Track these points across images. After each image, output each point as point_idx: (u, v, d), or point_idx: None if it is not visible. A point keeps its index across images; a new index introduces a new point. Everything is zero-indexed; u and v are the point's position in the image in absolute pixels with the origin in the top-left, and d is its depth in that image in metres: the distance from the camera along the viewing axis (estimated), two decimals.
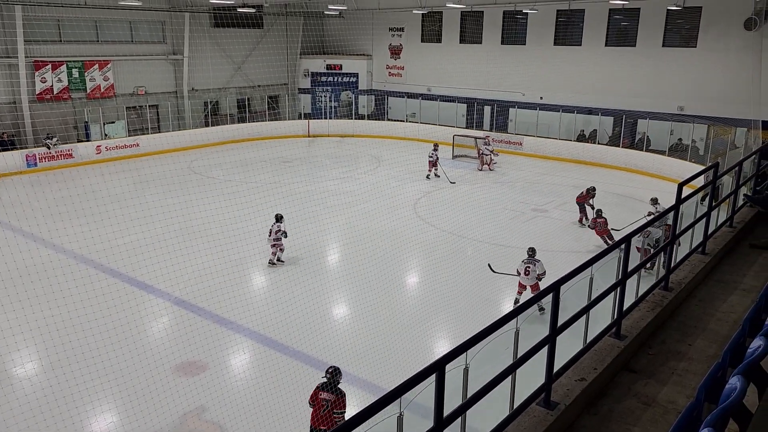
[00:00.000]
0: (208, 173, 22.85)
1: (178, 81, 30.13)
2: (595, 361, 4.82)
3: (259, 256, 14.45)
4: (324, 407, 7.25)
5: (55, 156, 23.76)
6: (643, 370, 4.94)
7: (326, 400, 7.27)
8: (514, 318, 4.34)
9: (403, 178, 22.50)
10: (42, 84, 25.04)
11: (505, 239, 16.07)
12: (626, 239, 5.07)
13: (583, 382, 4.53)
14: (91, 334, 9.96)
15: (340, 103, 34.77)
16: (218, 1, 22.80)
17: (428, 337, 11.00)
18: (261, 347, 10.36)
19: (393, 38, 34.08)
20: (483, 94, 30.34)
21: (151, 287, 12.56)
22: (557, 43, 28.09)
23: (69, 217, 16.04)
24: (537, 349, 4.34)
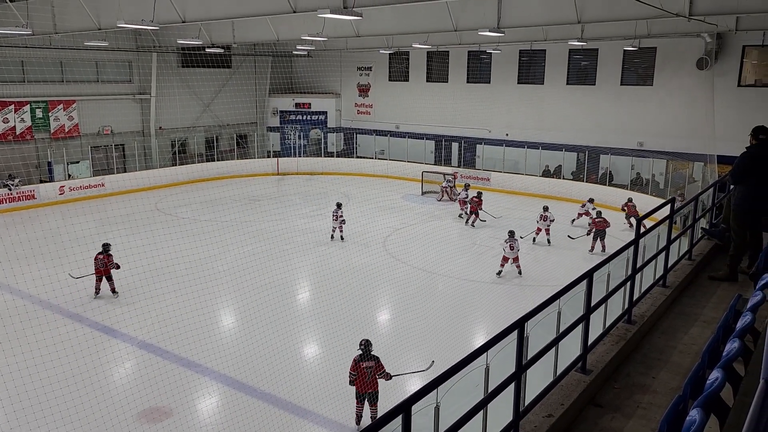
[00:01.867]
0: (176, 212, 22.59)
1: (144, 120, 29.98)
2: (562, 396, 4.84)
3: (228, 296, 14.24)
4: (368, 374, 8.82)
5: (17, 197, 23.24)
6: (609, 405, 4.98)
7: (368, 367, 8.87)
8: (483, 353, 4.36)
9: (372, 215, 22.56)
10: (4, 124, 24.65)
11: (475, 274, 16.17)
12: (589, 274, 5.16)
13: (551, 419, 4.54)
14: (52, 381, 9.62)
15: (309, 140, 34.94)
16: (186, 42, 22.91)
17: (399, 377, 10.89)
18: (229, 390, 10.13)
19: (361, 77, 34.62)
20: (450, 131, 30.88)
21: (115, 331, 12.25)
22: (521, 81, 28.91)
23: (29, 259, 15.62)
24: (504, 386, 4.35)
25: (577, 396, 4.83)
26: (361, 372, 8.85)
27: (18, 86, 25.05)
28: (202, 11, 16.66)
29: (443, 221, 22.44)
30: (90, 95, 27.48)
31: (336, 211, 19.40)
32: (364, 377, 8.82)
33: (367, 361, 8.91)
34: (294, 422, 9.22)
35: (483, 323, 13.52)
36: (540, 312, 4.86)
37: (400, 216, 22.98)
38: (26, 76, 25.41)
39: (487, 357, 4.49)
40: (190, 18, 16.61)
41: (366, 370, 8.85)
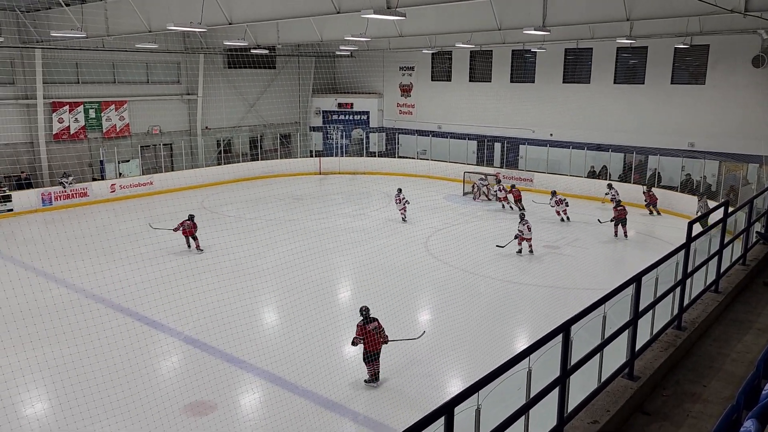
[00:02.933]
0: (221, 210, 23.04)
1: (191, 120, 30.68)
2: (608, 402, 4.73)
3: (271, 293, 14.44)
4: (375, 334, 10.06)
5: (70, 194, 24.11)
6: (657, 413, 4.85)
7: (374, 327, 10.13)
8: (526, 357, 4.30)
9: (414, 215, 22.54)
10: (59, 124, 25.59)
11: (516, 276, 15.98)
12: (637, 278, 5.04)
13: (596, 425, 4.45)
14: (102, 373, 9.96)
15: (351, 140, 35.15)
16: (232, 44, 23.35)
17: (439, 377, 10.86)
18: (271, 386, 10.27)
19: (403, 77, 34.62)
20: (493, 131, 30.60)
21: (162, 325, 12.57)
22: (566, 80, 28.41)
23: (82, 255, 16.18)
24: (547, 391, 4.28)
25: (624, 403, 4.72)
26: (369, 333, 10.00)
27: (73, 87, 25.98)
28: (248, 13, 16.94)
29: (485, 222, 22.24)
30: (140, 96, 28.30)
31: (397, 195, 21.74)
32: (373, 337, 10.02)
33: (371, 323, 10.16)
34: (334, 420, 9.30)
35: (525, 326, 13.35)
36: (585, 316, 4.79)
37: (442, 216, 22.88)
38: (80, 77, 26.33)
39: (530, 360, 4.43)
40: (237, 20, 16.91)
41: (373, 331, 10.06)
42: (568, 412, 4.43)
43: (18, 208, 22.54)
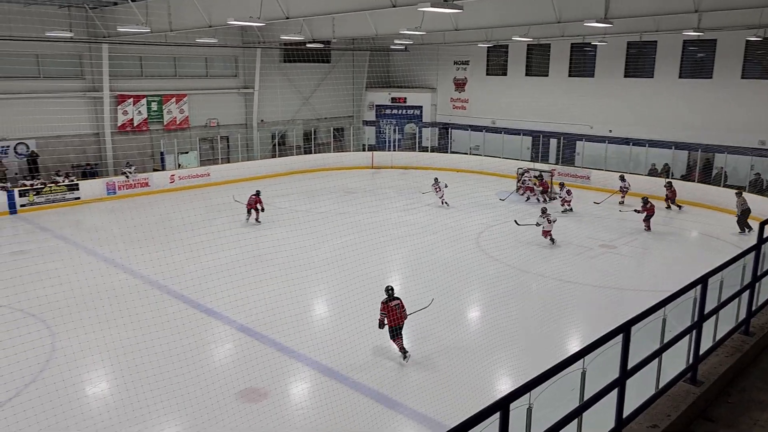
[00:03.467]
0: (275, 203, 23.42)
1: (248, 113, 31.29)
2: (669, 407, 4.56)
3: (322, 285, 14.60)
4: (397, 311, 10.88)
5: (133, 184, 24.99)
6: (721, 420, 4.64)
7: (396, 305, 10.96)
8: (581, 358, 4.19)
9: (466, 211, 22.34)
10: (123, 116, 26.55)
11: (570, 275, 15.62)
12: (703, 280, 4.83)
13: (656, 429, 4.29)
14: (159, 357, 10.28)
15: (404, 135, 35.11)
16: (288, 38, 23.67)
17: (489, 374, 10.74)
18: (322, 377, 10.39)
19: (458, 71, 34.32)
20: (549, 127, 29.98)
21: (217, 313, 12.89)
22: (628, 74, 27.55)
23: (142, 242, 16.78)
24: (605, 392, 4.16)
25: (686, 408, 4.53)
26: (391, 310, 10.91)
27: (136, 81, 26.92)
28: (304, 7, 17.12)
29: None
30: (199, 89, 29.06)
31: (434, 184, 22.76)
32: (395, 313, 10.91)
33: (393, 301, 11.02)
34: (383, 413, 9.32)
35: (578, 326, 13.05)
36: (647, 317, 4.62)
37: (494, 213, 22.59)
38: (143, 71, 27.23)
39: (584, 361, 4.32)
40: (294, 14, 17.10)
41: (395, 308, 10.95)
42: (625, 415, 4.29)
43: (84, 196, 23.54)
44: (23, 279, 12.61)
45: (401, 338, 10.95)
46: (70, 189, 23.24)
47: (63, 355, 10.82)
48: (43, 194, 22.50)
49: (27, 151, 24.03)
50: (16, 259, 16.10)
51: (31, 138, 24.04)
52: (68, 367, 10.35)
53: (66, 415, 8.63)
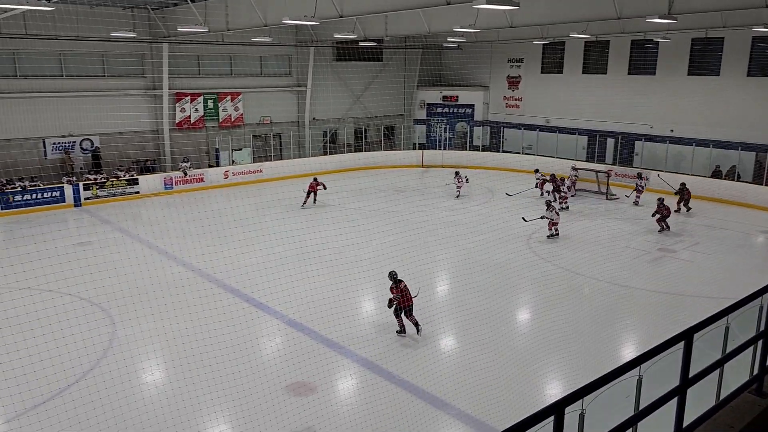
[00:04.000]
0: (324, 200, 23.64)
1: (300, 111, 31.69)
2: (733, 418, 4.34)
3: (370, 283, 14.64)
4: (407, 291, 11.55)
5: (189, 180, 25.68)
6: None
7: (406, 286, 11.60)
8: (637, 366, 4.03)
9: (517, 211, 21.97)
10: (181, 114, 27.32)
11: (627, 279, 15.15)
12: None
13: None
14: (210, 348, 10.52)
15: (455, 134, 34.85)
16: (341, 36, 23.84)
17: (540, 377, 10.53)
18: (368, 373, 10.41)
19: (511, 69, 33.81)
20: (606, 126, 29.21)
21: (268, 307, 13.09)
22: (692, 72, 26.51)
23: (198, 236, 17.22)
24: (664, 401, 3.99)
25: (751, 419, 4.31)
26: (403, 290, 11.56)
27: (193, 79, 27.64)
28: (358, 6, 17.18)
29: (594, 221, 21.28)
30: (253, 87, 29.61)
31: (456, 177, 24.14)
32: (405, 293, 11.55)
33: (400, 283, 11.64)
34: (430, 412, 9.25)
35: (633, 331, 12.64)
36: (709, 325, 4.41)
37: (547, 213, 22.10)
38: (201, 69, 27.94)
39: (640, 368, 4.15)
40: (347, 13, 17.19)
41: (405, 288, 11.56)
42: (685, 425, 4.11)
43: (143, 191, 24.35)
44: (87, 270, 13.15)
45: (413, 317, 11.61)
46: (129, 183, 24.08)
47: (121, 343, 11.21)
48: (105, 188, 23.38)
49: (92, 146, 25.04)
50: (80, 251, 16.79)
51: (95, 134, 25.03)
52: (126, 355, 10.72)
53: (122, 402, 8.93)
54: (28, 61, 23.13)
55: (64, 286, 13.03)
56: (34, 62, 23.26)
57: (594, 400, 3.85)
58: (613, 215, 22.16)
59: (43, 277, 12.67)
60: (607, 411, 4.24)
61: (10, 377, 9.11)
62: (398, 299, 11.49)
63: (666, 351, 4.18)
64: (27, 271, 12.88)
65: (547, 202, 19.46)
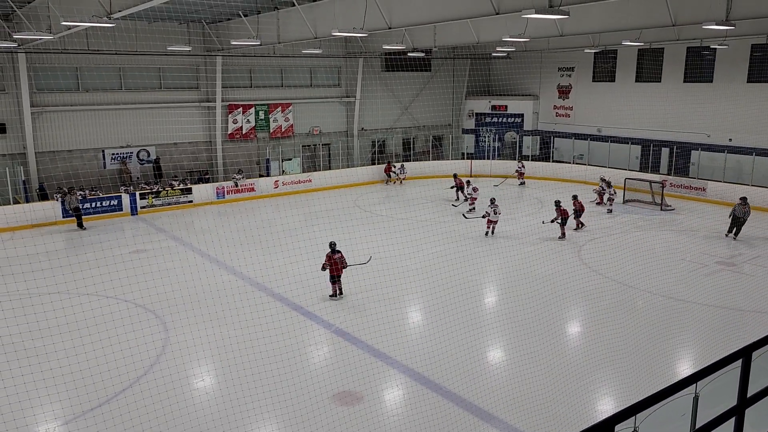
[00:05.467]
0: (373, 209, 23.78)
1: (349, 121, 32.04)
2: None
3: (417, 294, 14.62)
4: (338, 263, 13.76)
5: (240, 189, 26.28)
6: None
7: (339, 257, 13.82)
8: (693, 383, 3.91)
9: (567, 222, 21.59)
10: (233, 125, 28.03)
11: (682, 293, 14.65)
12: None
13: None
14: (259, 356, 10.71)
15: (503, 143, 34.53)
16: (390, 47, 24.03)
17: (590, 392, 10.28)
18: (415, 384, 10.38)
19: (562, 78, 33.32)
20: (660, 135, 28.41)
21: (316, 316, 13.23)
22: (751, 79, 25.54)
23: (248, 245, 17.59)
24: (721, 420, 3.85)
25: None
26: (333, 261, 13.71)
27: (246, 91, 28.33)
28: (407, 17, 17.29)
29: (648, 232, 20.69)
30: (303, 98, 30.13)
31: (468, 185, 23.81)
32: (336, 265, 13.70)
33: (336, 254, 13.76)
34: (478, 425, 9.16)
35: (690, 348, 12.20)
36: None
37: (598, 224, 21.66)
38: (252, 82, 28.63)
39: (697, 386, 4.02)
40: (396, 24, 17.32)
41: (337, 260, 13.72)
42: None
43: (196, 200, 25.04)
44: (142, 277, 13.61)
45: (339, 284, 13.94)
46: (183, 193, 24.81)
47: (174, 349, 11.53)
48: (161, 197, 24.17)
49: (148, 157, 25.96)
50: (136, 258, 17.39)
51: (152, 145, 25.95)
52: (178, 361, 11.02)
53: (174, 407, 9.18)
54: (89, 75, 24.22)
55: (121, 293, 13.54)
56: (95, 76, 24.34)
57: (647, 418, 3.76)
58: (669, 227, 21.50)
59: (101, 284, 13.21)
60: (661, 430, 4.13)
61: (69, 380, 9.50)
62: (328, 267, 13.75)
63: (724, 369, 4.04)
64: (87, 278, 13.45)
65: (492, 199, 20.23)
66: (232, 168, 27.36)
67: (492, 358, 11.61)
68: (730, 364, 4.00)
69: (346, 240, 17.72)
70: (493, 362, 11.39)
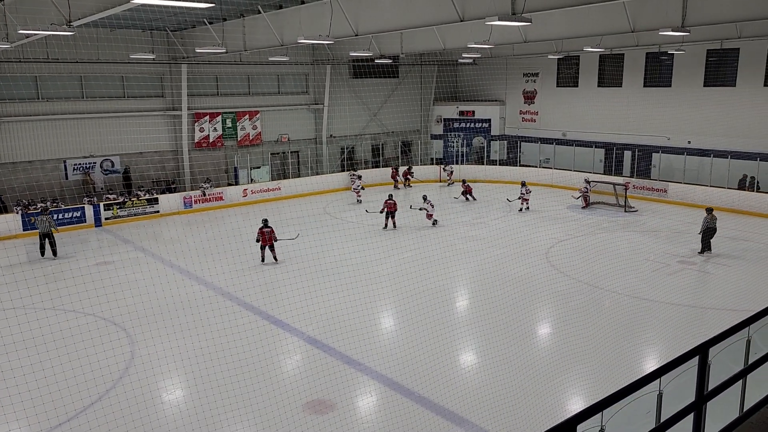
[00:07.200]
0: (342, 216, 23.76)
1: (317, 128, 31.99)
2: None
3: (388, 300, 14.65)
4: (266, 235, 17.37)
5: (208, 198, 25.99)
6: None
7: (267, 231, 17.39)
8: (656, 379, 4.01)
9: (535, 225, 21.92)
10: (200, 133, 27.73)
11: (646, 292, 14.99)
12: None
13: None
14: (229, 366, 10.59)
15: (471, 148, 34.89)
16: (357, 54, 24.10)
17: (559, 392, 10.43)
18: (387, 390, 10.39)
19: (527, 83, 33.86)
20: (623, 139, 29.08)
21: (286, 324, 13.15)
22: (708, 83, 26.35)
23: (216, 255, 17.40)
24: (682, 415, 3.96)
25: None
26: (263, 234, 17.33)
27: (212, 99, 28.08)
28: (373, 24, 17.38)
29: (612, 233, 21.12)
30: (271, 106, 29.98)
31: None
32: (265, 236, 17.33)
33: (266, 228, 17.35)
34: (450, 429, 9.21)
35: (654, 346, 12.48)
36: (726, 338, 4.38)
37: (564, 227, 22.04)
38: (219, 89, 28.39)
39: (660, 383, 4.13)
40: (363, 31, 17.40)
41: (265, 233, 17.32)
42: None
43: (163, 210, 24.67)
44: (107, 289, 13.34)
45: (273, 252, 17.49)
46: (149, 203, 24.43)
47: (141, 362, 11.33)
48: (126, 208, 23.75)
49: (112, 166, 25.49)
50: (101, 270, 17.05)
51: (116, 155, 25.50)
52: (146, 374, 10.83)
53: (143, 421, 9.01)
54: (49, 84, 23.69)
55: (85, 306, 13.24)
56: (56, 85, 23.82)
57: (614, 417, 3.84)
58: (632, 228, 21.98)
59: (64, 297, 12.90)
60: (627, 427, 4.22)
61: (34, 396, 9.26)
62: (259, 239, 17.31)
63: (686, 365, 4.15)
64: (49, 292, 13.13)
65: (424, 196, 22.11)
66: (199, 177, 27.04)
67: (463, 362, 11.69)
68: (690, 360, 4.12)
69: (315, 247, 17.69)
70: (464, 366, 11.48)
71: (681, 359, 3.86)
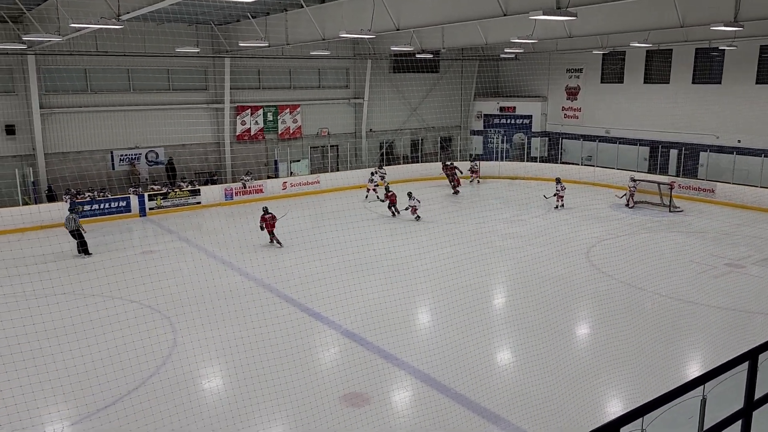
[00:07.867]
0: (380, 210, 23.80)
1: (357, 123, 32.10)
2: None
3: (426, 295, 14.64)
4: (269, 220, 18.40)
5: (249, 190, 26.38)
6: None
7: (270, 216, 18.47)
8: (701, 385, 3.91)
9: (576, 224, 21.56)
10: (242, 126, 28.15)
11: (691, 295, 14.60)
12: None
13: None
14: (268, 356, 10.75)
15: (512, 145, 34.50)
16: (398, 49, 24.07)
17: (598, 395, 10.26)
18: (423, 386, 10.40)
19: (570, 79, 33.26)
20: (669, 137, 28.32)
21: (324, 317, 13.28)
22: (760, 81, 25.41)
23: (257, 247, 17.68)
24: (728, 423, 3.86)
25: None
26: (266, 220, 18.43)
27: (254, 92, 28.45)
28: (415, 18, 17.32)
29: (656, 234, 20.62)
30: (312, 100, 30.22)
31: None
32: (268, 222, 18.44)
33: (268, 214, 18.45)
34: (485, 427, 9.17)
35: (698, 350, 12.17)
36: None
37: (607, 226, 21.61)
38: (261, 83, 28.74)
39: (704, 389, 4.03)
40: (404, 25, 17.35)
41: (269, 219, 18.35)
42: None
43: (205, 201, 25.16)
44: (152, 278, 13.70)
45: (274, 237, 18.66)
46: (192, 194, 24.94)
47: (183, 350, 11.61)
48: (169, 198, 24.30)
49: (157, 158, 26.11)
50: (146, 259, 17.51)
51: (160, 146, 26.10)
52: (188, 361, 11.09)
53: (184, 407, 9.24)
54: (98, 76, 24.39)
55: (132, 293, 13.63)
56: (104, 78, 24.51)
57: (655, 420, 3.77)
58: (677, 228, 21.42)
59: (109, 285, 13.30)
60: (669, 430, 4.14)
61: (75, 381, 9.59)
62: (262, 225, 18.41)
63: (731, 372, 4.04)
64: (95, 279, 13.56)
65: (409, 192, 22.24)
66: (241, 169, 27.47)
67: (500, 360, 11.61)
68: (737, 366, 4.00)
69: (355, 241, 17.78)
70: (500, 364, 11.40)
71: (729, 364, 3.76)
